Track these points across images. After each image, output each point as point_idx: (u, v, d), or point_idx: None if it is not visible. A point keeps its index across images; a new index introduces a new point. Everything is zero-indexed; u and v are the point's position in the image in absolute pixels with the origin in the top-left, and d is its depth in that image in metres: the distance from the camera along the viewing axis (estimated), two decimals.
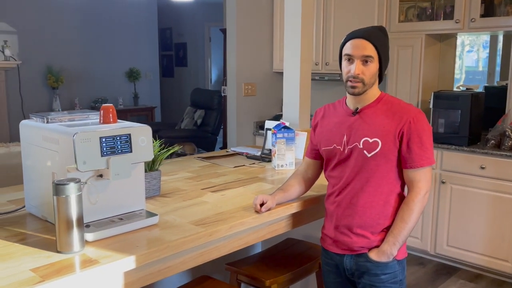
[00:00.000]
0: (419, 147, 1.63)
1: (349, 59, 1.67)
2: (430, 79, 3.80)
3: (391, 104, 1.70)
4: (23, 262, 1.31)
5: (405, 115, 1.65)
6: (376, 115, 1.69)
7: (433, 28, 3.62)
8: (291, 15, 2.85)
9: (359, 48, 1.65)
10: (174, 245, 1.46)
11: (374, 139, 1.65)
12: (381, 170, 1.66)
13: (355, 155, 1.69)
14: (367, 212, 1.68)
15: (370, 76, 1.66)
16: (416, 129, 1.63)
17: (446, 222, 3.43)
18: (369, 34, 1.67)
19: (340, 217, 1.74)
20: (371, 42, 1.65)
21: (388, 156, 1.65)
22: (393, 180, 1.69)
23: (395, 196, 1.70)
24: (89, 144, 1.44)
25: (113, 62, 7.41)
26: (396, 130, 1.64)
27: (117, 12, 7.33)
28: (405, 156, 1.65)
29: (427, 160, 1.65)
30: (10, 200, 1.87)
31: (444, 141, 3.40)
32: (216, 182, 2.19)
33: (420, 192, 1.65)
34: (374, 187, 1.68)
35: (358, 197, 1.69)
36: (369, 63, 1.65)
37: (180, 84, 8.93)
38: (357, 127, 1.70)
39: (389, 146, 1.64)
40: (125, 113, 7.35)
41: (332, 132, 1.77)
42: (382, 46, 1.67)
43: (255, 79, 4.50)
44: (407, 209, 1.65)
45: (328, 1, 4.09)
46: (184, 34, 8.83)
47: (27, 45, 6.38)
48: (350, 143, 1.70)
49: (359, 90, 1.67)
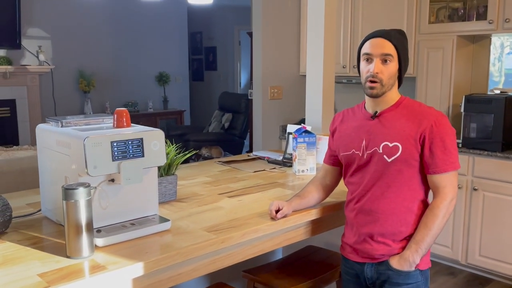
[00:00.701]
0: (442, 151, 1.57)
1: (368, 58, 1.63)
2: (462, 82, 3.66)
3: (411, 108, 1.64)
4: (32, 266, 1.30)
5: (426, 119, 1.59)
6: (396, 118, 1.63)
7: (465, 29, 3.49)
8: (314, 18, 2.80)
9: (378, 46, 1.61)
10: (184, 252, 1.43)
11: (394, 144, 1.60)
12: (402, 175, 1.60)
13: (375, 160, 1.63)
14: (389, 219, 1.62)
15: (389, 76, 1.61)
16: (438, 133, 1.57)
17: (478, 231, 3.29)
18: (388, 33, 1.63)
19: (360, 225, 1.68)
20: (390, 41, 1.61)
21: (409, 161, 1.59)
22: (416, 186, 1.62)
23: (418, 203, 1.63)
24: (100, 149, 1.43)
25: (143, 66, 7.51)
26: (417, 134, 1.58)
27: (147, 17, 7.43)
28: (428, 161, 1.58)
29: (451, 164, 1.58)
30: (29, 203, 1.89)
31: (476, 146, 3.26)
32: (234, 187, 2.16)
33: (446, 198, 1.58)
34: (395, 193, 1.61)
35: (378, 204, 1.63)
36: (389, 62, 1.60)
37: (209, 88, 8.97)
38: (376, 132, 1.64)
39: (410, 150, 1.58)
40: (154, 117, 7.44)
41: (351, 137, 1.72)
42: (401, 46, 1.63)
43: (281, 82, 4.45)
44: (432, 215, 1.58)
45: (356, 3, 4.01)
46: (214, 38, 8.88)
47: (60, 50, 6.54)
48: (369, 148, 1.65)
49: (377, 91, 1.62)
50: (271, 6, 4.28)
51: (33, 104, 6.32)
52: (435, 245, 3.49)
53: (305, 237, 1.87)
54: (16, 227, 1.61)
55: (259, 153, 2.92)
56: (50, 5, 6.32)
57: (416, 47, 3.71)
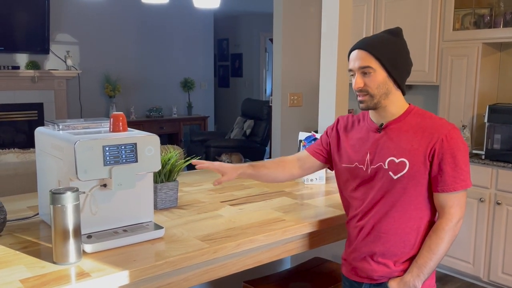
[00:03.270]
0: (452, 168, 1.45)
1: (352, 74, 1.54)
2: (488, 91, 3.52)
3: (420, 119, 1.53)
4: (17, 271, 1.28)
5: (436, 132, 1.47)
6: (403, 131, 1.52)
7: (491, 36, 3.36)
8: (328, 25, 2.73)
9: (356, 59, 1.51)
10: (173, 261, 1.39)
11: (401, 159, 1.48)
12: (408, 194, 1.49)
13: (380, 177, 1.52)
14: (391, 239, 1.52)
15: (375, 86, 1.49)
16: (449, 148, 1.45)
17: (501, 247, 3.14)
18: (366, 43, 1.51)
19: (361, 243, 1.58)
20: (367, 51, 1.48)
21: (417, 179, 1.48)
22: (423, 206, 1.51)
23: (424, 223, 1.52)
24: (91, 153, 1.40)
25: (168, 72, 7.57)
26: (426, 149, 1.46)
27: (173, 23, 7.49)
28: (437, 178, 1.47)
29: (461, 183, 1.46)
30: (30, 206, 1.89)
31: (500, 158, 3.12)
32: (238, 195, 2.11)
33: (452, 220, 1.47)
34: (400, 213, 1.51)
35: (382, 223, 1.53)
36: (371, 73, 1.48)
37: (235, 95, 8.98)
38: (382, 145, 1.53)
39: (418, 167, 1.47)
40: (178, 122, 7.47)
41: (355, 149, 1.61)
42: (384, 52, 1.48)
43: (302, 89, 4.39)
44: (436, 237, 1.47)
45: (378, 9, 3.92)
46: (240, 44, 8.89)
47: (87, 56, 6.66)
48: (374, 162, 1.54)
49: (368, 104, 1.52)
50: (292, 13, 4.24)
51: (60, 108, 6.46)
52: (455, 260, 3.36)
53: (304, 250, 1.80)
54: (12, 230, 1.61)
55: None
56: (78, 11, 6.45)
57: (439, 54, 3.60)
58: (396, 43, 1.53)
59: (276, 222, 1.73)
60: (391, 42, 1.52)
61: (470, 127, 3.46)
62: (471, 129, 3.46)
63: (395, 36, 1.54)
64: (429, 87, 3.90)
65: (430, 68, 3.65)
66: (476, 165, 3.20)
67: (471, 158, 3.23)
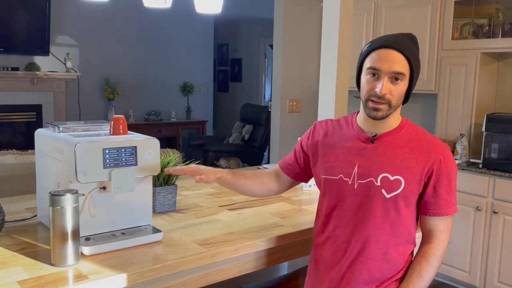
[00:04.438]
0: (447, 192, 1.37)
1: (374, 74, 1.35)
2: (486, 101, 3.54)
3: (415, 134, 1.41)
4: (14, 273, 1.28)
5: (435, 151, 1.37)
6: (398, 146, 1.39)
7: (490, 46, 3.38)
8: (329, 32, 2.75)
9: (389, 61, 1.33)
10: (171, 265, 1.39)
11: (396, 177, 1.35)
12: (400, 215, 1.37)
13: (369, 194, 1.37)
14: (377, 264, 1.39)
15: (398, 97, 1.36)
16: (446, 170, 1.36)
17: (497, 256, 3.14)
18: (401, 44, 1.34)
19: (342, 269, 1.41)
20: (404, 55, 1.33)
21: (408, 199, 1.37)
22: (411, 228, 1.42)
23: (410, 246, 1.44)
24: (91, 155, 1.41)
25: (168, 76, 7.58)
26: (424, 169, 1.36)
27: (174, 28, 7.51)
28: (429, 201, 1.38)
29: (453, 207, 1.39)
30: (28, 207, 1.89)
31: (497, 167, 3.13)
32: (236, 199, 2.11)
33: (442, 245, 1.40)
34: (389, 235, 1.38)
35: (368, 247, 1.38)
36: (399, 81, 1.34)
37: (234, 99, 8.99)
38: (374, 159, 1.38)
39: (413, 187, 1.36)
40: (177, 126, 7.48)
41: (339, 159, 1.44)
42: (416, 60, 1.37)
43: (301, 95, 4.40)
44: (427, 264, 1.38)
45: (378, 17, 3.95)
46: (240, 50, 8.91)
47: (87, 58, 6.66)
48: (363, 177, 1.38)
49: (383, 114, 1.36)
50: (293, 19, 4.26)
51: (58, 110, 6.45)
52: (451, 269, 3.36)
53: (302, 256, 1.80)
54: (10, 231, 1.61)
55: (269, 166, 2.87)
56: (79, 14, 6.46)
57: (438, 63, 3.61)
58: (417, 52, 1.41)
59: (274, 227, 1.74)
60: (416, 50, 1.40)
61: (467, 136, 3.47)
62: (468, 138, 3.47)
63: (415, 43, 1.41)
64: (428, 95, 3.92)
65: (429, 76, 3.66)
66: (474, 174, 3.21)
67: (469, 167, 3.25)
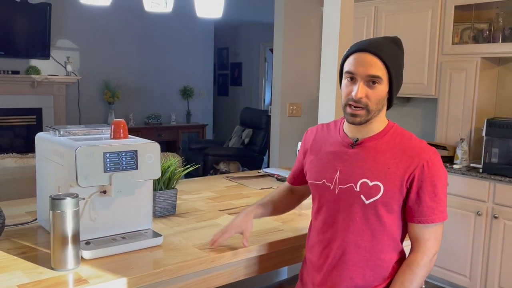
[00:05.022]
0: (431, 198, 1.32)
1: (352, 77, 1.34)
2: (486, 105, 3.54)
3: (400, 140, 1.37)
4: (14, 277, 1.28)
5: (417, 156, 1.32)
6: (381, 151, 1.36)
7: (490, 51, 3.39)
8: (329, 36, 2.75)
9: (364, 64, 1.31)
10: (171, 270, 1.39)
11: (375, 183, 1.33)
12: (381, 221, 1.35)
13: (349, 200, 1.36)
14: (360, 273, 1.37)
15: (376, 101, 1.33)
16: (430, 175, 1.31)
17: (498, 261, 3.14)
18: (378, 47, 1.32)
19: (325, 274, 1.42)
20: (380, 58, 1.31)
21: (390, 206, 1.34)
22: (396, 235, 1.38)
23: (396, 254, 1.40)
24: (92, 159, 1.41)
25: (168, 79, 7.59)
26: (405, 174, 1.32)
27: (174, 32, 7.53)
28: (413, 208, 1.34)
29: (439, 214, 1.34)
30: (28, 211, 1.89)
31: (497, 172, 3.13)
32: (236, 204, 2.11)
33: (428, 254, 1.35)
34: (371, 243, 1.36)
35: (350, 253, 1.37)
36: (376, 85, 1.32)
37: (234, 103, 9.00)
38: (355, 164, 1.37)
39: (393, 193, 1.33)
40: (176, 130, 7.48)
41: (323, 164, 1.44)
42: (394, 64, 1.33)
43: (301, 99, 4.41)
44: (410, 273, 1.34)
45: (378, 22, 3.95)
46: (240, 54, 8.93)
47: (87, 62, 6.67)
48: (343, 182, 1.37)
49: (361, 119, 1.34)
50: (293, 24, 4.27)
51: (58, 113, 6.46)
52: (452, 273, 3.35)
53: (302, 260, 1.79)
54: (10, 235, 1.60)
55: (269, 170, 2.87)
56: (79, 18, 6.47)
57: (438, 67, 3.62)
58: (400, 55, 1.38)
59: (274, 232, 1.74)
60: (397, 53, 1.37)
61: (468, 140, 3.47)
62: (469, 143, 3.47)
63: (398, 46, 1.39)
64: (428, 100, 3.92)
65: (429, 81, 3.67)
66: (474, 178, 3.21)
67: (469, 171, 3.25)
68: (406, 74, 1.46)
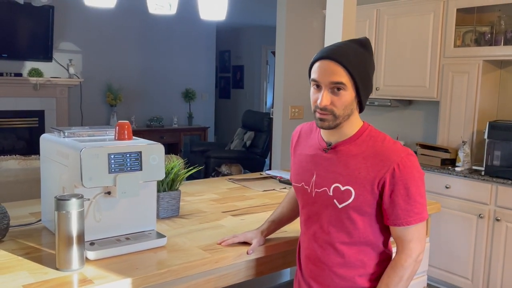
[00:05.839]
0: (405, 201, 1.30)
1: (317, 85, 1.35)
2: (488, 108, 3.55)
3: (372, 142, 1.35)
4: (19, 277, 1.29)
5: (388, 160, 1.30)
6: (352, 155, 1.35)
7: (492, 54, 3.39)
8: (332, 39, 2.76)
9: (326, 72, 1.31)
10: (175, 270, 1.40)
11: (347, 187, 1.33)
12: (356, 225, 1.35)
13: (324, 203, 1.38)
14: (338, 273, 1.38)
15: (343, 106, 1.32)
16: (401, 178, 1.29)
17: (500, 264, 3.14)
18: (341, 54, 1.31)
19: (307, 274, 1.45)
20: (342, 65, 1.29)
21: (363, 209, 1.33)
22: (372, 238, 1.37)
23: (375, 255, 1.39)
24: (96, 160, 1.42)
25: (170, 82, 7.60)
26: (375, 178, 1.30)
27: (176, 34, 7.55)
28: (388, 211, 1.32)
29: (415, 216, 1.32)
30: (32, 212, 1.89)
31: (499, 175, 3.13)
32: (239, 205, 2.12)
33: (411, 255, 1.33)
34: (347, 245, 1.37)
35: (328, 256, 1.39)
36: (341, 91, 1.31)
37: (235, 106, 9.02)
38: (329, 168, 1.38)
39: (365, 197, 1.32)
40: (178, 132, 7.49)
41: (302, 167, 1.46)
42: (359, 69, 1.31)
43: (303, 102, 4.42)
44: (394, 275, 1.33)
45: (380, 25, 3.96)
46: (242, 57, 8.95)
47: (89, 64, 6.69)
48: (319, 186, 1.39)
49: (330, 124, 1.34)
50: (295, 26, 4.28)
51: (61, 115, 6.47)
52: (454, 276, 3.35)
53: None
54: (14, 236, 1.61)
55: (272, 172, 2.88)
56: (82, 21, 6.50)
57: (440, 70, 3.63)
58: (367, 58, 1.36)
59: (277, 233, 1.73)
60: (363, 57, 1.35)
61: (470, 143, 3.48)
62: (470, 145, 3.48)
63: (365, 48, 1.36)
64: (430, 102, 3.93)
65: (431, 83, 3.68)
66: (476, 181, 3.21)
67: (471, 174, 3.25)
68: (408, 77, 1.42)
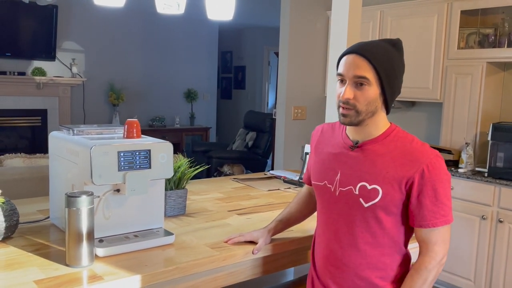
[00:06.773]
0: (432, 203, 1.30)
1: (342, 79, 1.35)
2: (491, 110, 3.56)
3: (400, 143, 1.35)
4: (30, 273, 1.30)
5: (418, 160, 1.30)
6: (380, 154, 1.34)
7: (495, 56, 3.40)
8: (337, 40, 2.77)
9: (351, 66, 1.31)
10: (184, 267, 1.41)
11: (374, 186, 1.32)
12: (382, 224, 1.34)
13: (349, 202, 1.36)
14: (360, 275, 1.36)
15: (365, 102, 1.31)
16: (430, 179, 1.29)
17: (503, 265, 3.15)
18: (367, 49, 1.31)
19: (325, 275, 1.43)
20: (367, 59, 1.29)
21: (389, 209, 1.32)
22: (398, 238, 1.36)
23: (399, 257, 1.38)
24: (106, 158, 1.43)
25: (172, 82, 7.62)
26: (403, 178, 1.30)
27: (179, 35, 7.56)
28: (415, 212, 1.32)
29: (442, 218, 1.31)
30: (39, 209, 1.90)
31: (502, 176, 3.14)
32: (245, 204, 2.13)
33: (435, 258, 1.32)
34: (372, 245, 1.35)
35: (350, 256, 1.37)
36: (364, 86, 1.30)
37: (237, 106, 9.03)
38: (355, 167, 1.36)
39: (392, 197, 1.31)
40: (180, 132, 7.51)
41: (325, 165, 1.44)
42: (385, 65, 1.30)
43: (306, 102, 4.43)
44: (418, 277, 1.32)
45: (384, 26, 3.98)
46: (244, 57, 8.97)
47: (92, 64, 6.71)
48: (343, 184, 1.37)
49: (352, 120, 1.33)
50: (298, 27, 4.30)
51: (63, 114, 6.49)
52: (456, 277, 3.36)
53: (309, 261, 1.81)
54: (23, 232, 1.62)
55: (276, 172, 2.89)
56: (85, 20, 6.51)
57: (444, 72, 3.64)
58: (396, 57, 1.35)
59: (282, 232, 1.75)
60: (392, 56, 1.33)
61: (473, 144, 3.49)
62: (474, 147, 3.49)
63: (396, 48, 1.36)
64: (433, 104, 3.94)
65: (434, 85, 3.69)
66: (479, 182, 3.22)
67: (474, 175, 3.26)
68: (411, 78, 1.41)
